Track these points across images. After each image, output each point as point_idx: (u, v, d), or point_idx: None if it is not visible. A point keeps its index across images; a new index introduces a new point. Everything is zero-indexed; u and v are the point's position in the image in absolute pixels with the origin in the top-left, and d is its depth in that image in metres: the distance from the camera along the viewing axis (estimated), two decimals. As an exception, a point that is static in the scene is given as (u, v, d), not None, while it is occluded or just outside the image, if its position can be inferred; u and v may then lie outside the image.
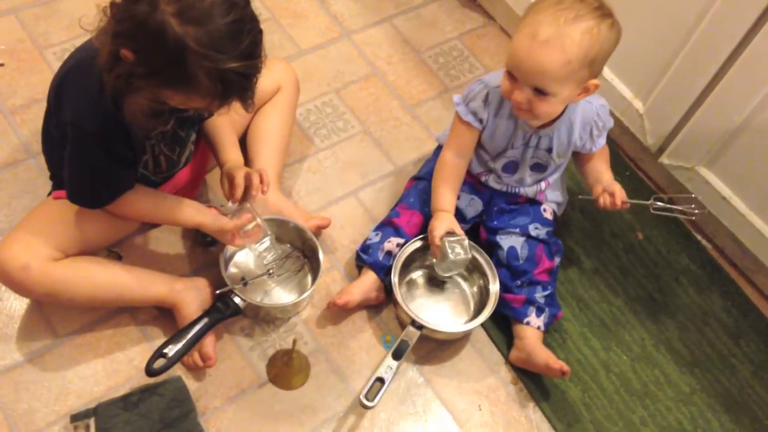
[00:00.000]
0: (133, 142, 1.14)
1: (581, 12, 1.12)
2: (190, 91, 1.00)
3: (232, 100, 1.04)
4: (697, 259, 1.54)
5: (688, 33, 1.39)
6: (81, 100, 1.09)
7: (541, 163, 1.35)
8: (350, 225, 1.46)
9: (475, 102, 1.28)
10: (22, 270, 1.13)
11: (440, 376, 1.32)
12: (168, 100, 1.05)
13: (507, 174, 1.37)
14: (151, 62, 0.98)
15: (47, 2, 1.62)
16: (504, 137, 1.31)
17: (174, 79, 0.99)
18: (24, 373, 1.20)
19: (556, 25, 1.12)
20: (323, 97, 1.63)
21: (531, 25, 1.14)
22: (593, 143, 1.34)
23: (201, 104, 1.04)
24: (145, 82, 1.00)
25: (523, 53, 1.14)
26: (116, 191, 1.16)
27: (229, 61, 0.97)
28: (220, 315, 1.23)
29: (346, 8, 1.79)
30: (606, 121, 1.34)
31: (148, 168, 1.23)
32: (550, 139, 1.31)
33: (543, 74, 1.14)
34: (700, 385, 1.38)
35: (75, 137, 1.10)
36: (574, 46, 1.12)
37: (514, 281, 1.34)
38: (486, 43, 1.81)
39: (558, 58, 1.12)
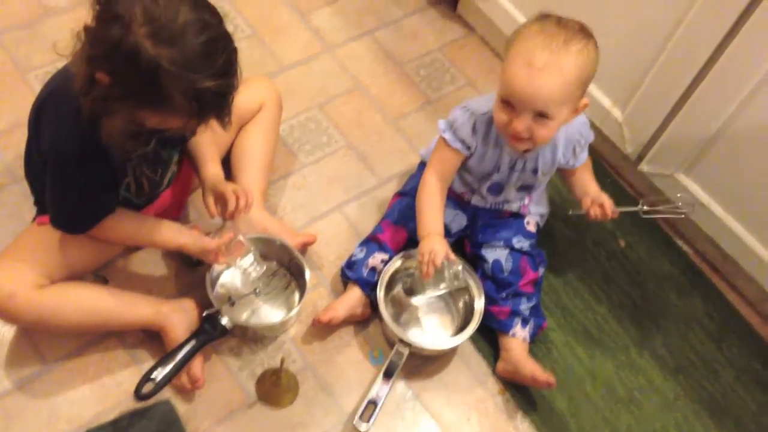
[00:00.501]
0: (113, 165, 1.14)
1: (569, 35, 1.15)
2: (166, 111, 1.01)
3: (209, 118, 1.05)
4: (679, 265, 1.56)
5: (664, 43, 1.41)
6: (59, 125, 1.09)
7: (527, 184, 1.38)
8: (336, 240, 1.47)
9: (463, 130, 1.29)
10: (8, 299, 1.14)
11: (429, 390, 1.34)
12: (145, 121, 1.05)
13: (492, 195, 1.39)
14: (127, 84, 0.99)
15: (28, 26, 1.63)
16: (490, 162, 1.32)
17: (150, 100, 1.00)
18: (13, 401, 1.21)
19: (550, 50, 1.14)
20: (306, 113, 1.65)
21: (524, 54, 1.16)
22: (576, 159, 1.36)
23: (178, 124, 1.05)
24: (121, 104, 1.01)
25: (522, 81, 1.16)
26: (98, 215, 1.17)
27: (205, 80, 0.98)
28: (208, 336, 1.24)
29: (328, 22, 1.80)
30: (587, 136, 1.37)
31: (130, 191, 1.23)
32: (535, 161, 1.33)
33: (545, 99, 1.16)
34: (684, 390, 1.41)
35: (54, 162, 1.11)
36: (571, 67, 1.15)
37: (500, 293, 1.36)
38: (467, 54, 1.83)
39: (558, 81, 1.15)
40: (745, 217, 1.45)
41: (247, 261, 1.31)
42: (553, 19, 1.18)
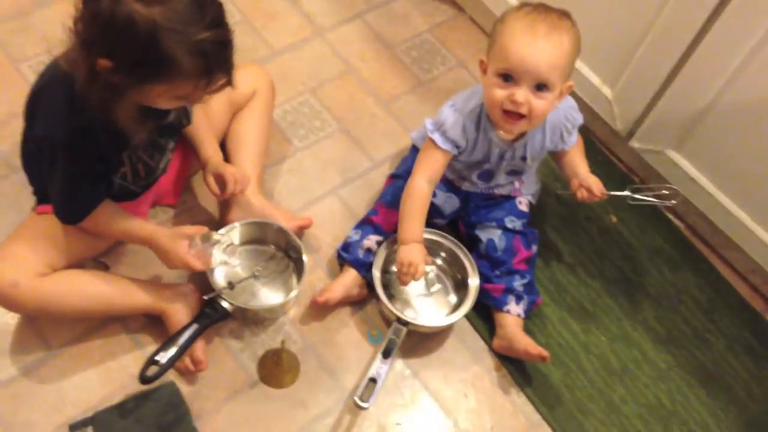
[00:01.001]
0: (107, 155, 1.16)
1: (558, 14, 1.22)
2: (173, 76, 1.01)
3: (217, 74, 1.05)
4: (670, 239, 1.59)
5: (652, 19, 1.42)
6: (52, 115, 1.11)
7: (516, 170, 1.40)
8: (332, 223, 1.49)
9: (453, 131, 1.30)
10: (11, 287, 1.16)
11: (426, 368, 1.37)
12: (155, 98, 1.06)
13: (482, 181, 1.41)
14: (129, 59, 0.99)
15: (20, 16, 1.63)
16: (480, 153, 1.34)
17: (155, 69, 1.00)
18: (21, 386, 1.23)
19: (548, 22, 1.20)
20: (299, 98, 1.66)
21: (524, 26, 1.19)
22: (564, 143, 1.38)
23: (188, 88, 1.04)
24: (128, 82, 1.01)
25: (527, 48, 1.18)
26: (90, 205, 1.19)
27: (201, 31, 0.99)
28: (209, 320, 1.26)
29: (318, 6, 1.81)
30: (575, 120, 1.38)
31: (127, 179, 1.25)
32: (524, 148, 1.35)
33: (548, 65, 1.19)
34: (677, 361, 1.44)
35: (49, 152, 1.13)
36: (567, 41, 1.20)
37: (493, 271, 1.38)
38: (457, 35, 1.84)
39: (559, 49, 1.19)
40: (735, 190, 1.48)
41: (220, 256, 1.33)
42: (539, 7, 1.23)
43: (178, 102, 1.11)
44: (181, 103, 1.13)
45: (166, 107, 1.13)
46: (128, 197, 1.28)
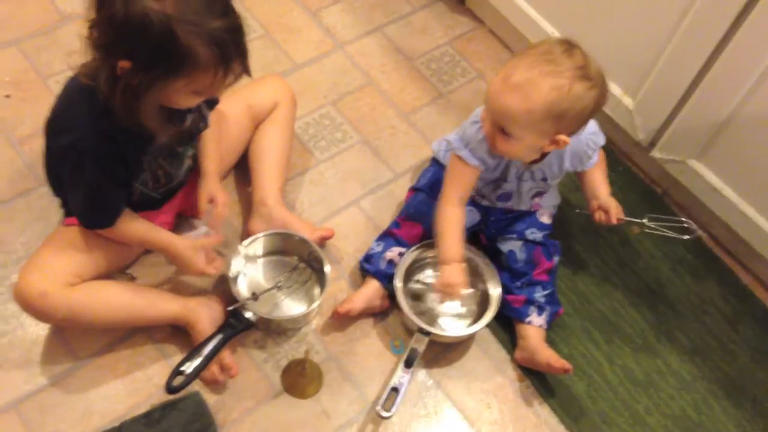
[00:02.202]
0: (129, 160, 1.18)
1: (560, 68, 1.14)
2: (191, 68, 1.02)
3: (233, 62, 1.06)
4: (693, 249, 1.58)
5: (673, 29, 1.42)
6: (77, 124, 1.12)
7: (541, 190, 1.40)
8: (354, 234, 1.50)
9: (481, 148, 1.28)
10: (40, 297, 1.17)
11: (449, 378, 1.37)
12: (174, 95, 1.08)
13: (502, 202, 1.41)
14: (147, 55, 1.01)
15: (47, 32, 1.66)
16: (498, 171, 1.34)
17: (173, 63, 1.01)
18: (48, 397, 1.25)
19: (530, 73, 1.14)
20: (321, 110, 1.67)
21: (510, 68, 1.17)
22: (584, 165, 1.38)
23: (206, 80, 1.05)
24: (147, 82, 1.03)
25: (493, 91, 1.18)
26: (118, 209, 1.21)
27: (213, 20, 1.01)
28: (233, 330, 1.28)
29: (339, 20, 1.83)
30: (596, 143, 1.37)
31: (147, 186, 1.26)
32: (543, 172, 1.35)
33: (505, 116, 1.17)
34: (701, 372, 1.43)
35: (74, 160, 1.14)
36: (539, 97, 1.14)
37: (515, 282, 1.38)
38: (476, 47, 1.85)
39: (521, 105, 1.15)
40: (758, 200, 1.47)
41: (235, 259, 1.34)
42: (563, 47, 1.16)
43: (196, 97, 1.12)
44: (200, 98, 1.13)
45: (185, 105, 1.13)
46: (150, 206, 1.29)
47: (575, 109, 1.16)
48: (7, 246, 1.38)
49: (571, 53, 1.16)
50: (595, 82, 1.16)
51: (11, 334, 1.29)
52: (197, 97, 1.12)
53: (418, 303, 1.41)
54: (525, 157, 1.28)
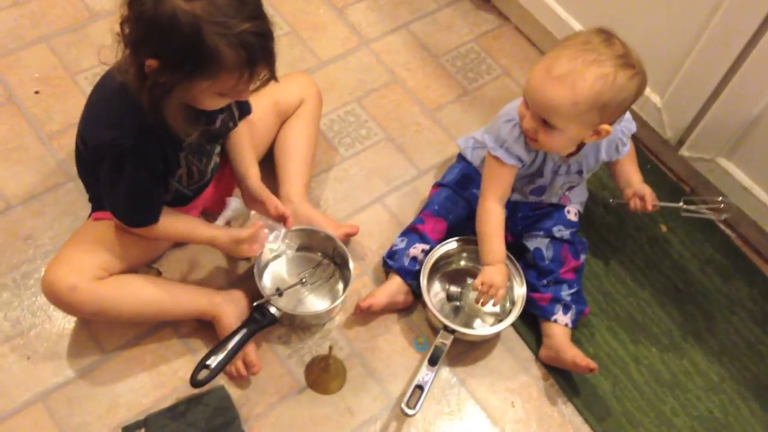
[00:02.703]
0: (168, 157, 1.18)
1: (602, 57, 1.13)
2: (217, 69, 1.02)
3: (259, 66, 1.06)
4: (721, 249, 1.56)
5: (703, 26, 1.40)
6: (116, 122, 1.13)
7: (573, 185, 1.39)
8: (378, 231, 1.50)
9: (517, 146, 1.28)
10: (70, 290, 1.19)
11: (473, 376, 1.36)
12: (199, 95, 1.08)
13: (534, 196, 1.41)
14: (174, 54, 1.01)
15: (76, 29, 1.68)
16: (535, 167, 1.33)
17: (199, 63, 1.02)
18: (76, 389, 1.26)
19: (573, 64, 1.13)
20: (346, 107, 1.68)
21: (550, 59, 1.16)
22: (619, 153, 1.37)
23: (230, 82, 1.05)
24: (174, 80, 1.03)
25: (535, 84, 1.17)
26: (159, 206, 1.21)
27: (242, 23, 1.01)
28: (258, 325, 1.28)
29: (364, 17, 1.83)
30: (630, 130, 1.36)
31: (182, 182, 1.27)
32: (579, 164, 1.34)
33: (550, 108, 1.17)
34: (729, 373, 1.41)
35: (114, 158, 1.14)
36: (585, 88, 1.13)
37: (541, 281, 1.37)
38: (502, 44, 1.84)
39: (566, 96, 1.14)
40: (788, 199, 1.45)
41: (278, 239, 1.33)
42: (602, 37, 1.16)
43: (221, 99, 1.12)
44: (225, 100, 1.13)
45: (210, 106, 1.13)
46: (180, 202, 1.30)
47: (619, 98, 1.16)
48: (36, 240, 1.40)
49: (611, 42, 1.16)
50: (637, 70, 1.16)
51: (39, 327, 1.31)
52: (222, 99, 1.12)
53: (443, 300, 1.40)
54: (565, 149, 1.27)
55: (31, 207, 1.43)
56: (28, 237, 1.40)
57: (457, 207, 1.41)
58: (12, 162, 1.48)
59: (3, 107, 1.55)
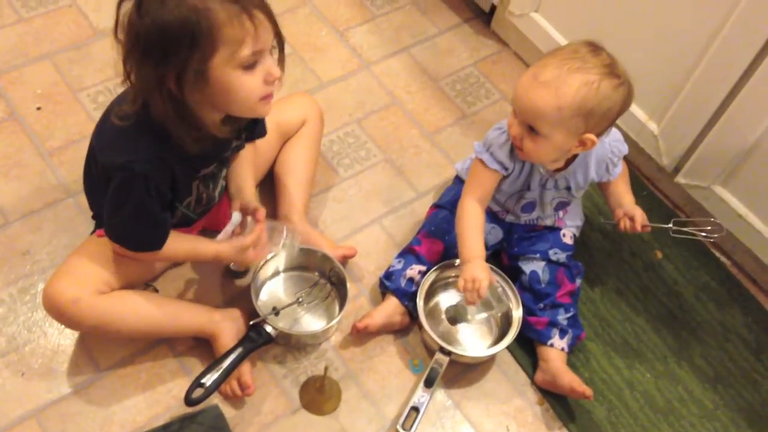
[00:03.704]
0: (180, 185, 1.19)
1: (588, 65, 1.17)
2: (215, 29, 1.00)
3: (255, 10, 1.02)
4: (717, 276, 1.57)
5: (700, 55, 1.42)
6: (131, 145, 1.11)
7: (564, 201, 1.40)
8: (375, 252, 1.51)
9: (501, 152, 1.30)
10: (72, 303, 1.19)
11: (468, 399, 1.36)
12: (224, 78, 1.04)
13: (526, 213, 1.42)
14: (177, 45, 1.00)
15: (80, 46, 1.70)
16: (521, 181, 1.35)
17: (197, 32, 0.99)
18: (70, 406, 1.26)
19: (559, 71, 1.17)
20: (345, 128, 1.69)
21: (538, 67, 1.20)
22: (610, 174, 1.38)
23: (236, 36, 1.01)
24: (193, 72, 1.02)
25: (521, 90, 1.20)
26: (166, 231, 1.20)
27: None
28: (254, 344, 1.28)
29: (365, 41, 1.85)
30: (621, 151, 1.38)
31: (190, 207, 1.28)
32: (567, 180, 1.35)
33: (534, 113, 1.19)
34: (723, 401, 1.41)
35: (123, 179, 1.12)
36: (570, 93, 1.16)
37: (537, 304, 1.38)
38: (501, 69, 1.86)
39: (550, 101, 1.17)
40: (783, 228, 1.46)
41: (283, 244, 1.32)
42: (589, 48, 1.20)
43: (250, 75, 1.06)
44: (254, 77, 1.06)
45: (244, 88, 1.07)
46: (185, 225, 1.31)
47: (604, 106, 1.18)
48: (33, 256, 1.40)
49: (598, 53, 1.19)
50: (622, 80, 1.19)
51: (34, 343, 1.31)
52: (251, 75, 1.06)
53: (439, 323, 1.41)
54: (552, 159, 1.29)
55: (29, 222, 1.43)
56: (26, 252, 1.40)
57: (453, 228, 1.41)
58: (11, 177, 1.48)
59: (5, 123, 1.56)
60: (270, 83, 1.09)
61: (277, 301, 1.39)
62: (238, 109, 1.13)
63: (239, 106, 1.11)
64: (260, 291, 1.39)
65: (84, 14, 1.75)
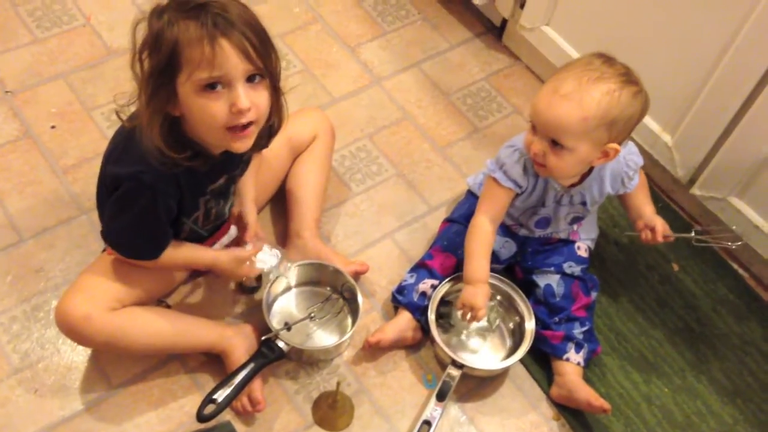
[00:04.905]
0: (186, 201, 1.19)
1: (606, 75, 1.17)
2: (184, 53, 1.02)
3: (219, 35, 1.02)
4: (735, 289, 1.54)
5: (714, 65, 1.41)
6: (143, 158, 1.11)
7: (578, 216, 1.39)
8: (387, 267, 1.50)
9: (514, 171, 1.30)
10: (83, 320, 1.19)
11: (482, 414, 1.34)
12: (188, 99, 1.05)
13: (540, 229, 1.41)
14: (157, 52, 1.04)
15: (94, 66, 1.72)
16: (536, 197, 1.34)
17: (158, 46, 1.03)
18: (82, 423, 1.25)
19: (579, 82, 1.17)
20: (357, 143, 1.69)
21: (556, 81, 1.19)
22: (626, 187, 1.37)
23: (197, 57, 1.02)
24: (165, 86, 1.05)
25: (543, 105, 1.19)
26: (166, 242, 1.22)
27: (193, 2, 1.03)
28: (266, 359, 1.27)
29: (376, 56, 1.85)
30: (636, 164, 1.37)
31: (198, 223, 1.28)
32: (582, 195, 1.34)
33: (559, 126, 1.18)
34: (743, 415, 1.38)
35: (129, 188, 1.13)
36: (593, 104, 1.16)
37: (552, 318, 1.36)
38: (512, 83, 1.85)
39: (575, 113, 1.16)
40: (802, 239, 1.44)
41: (278, 264, 1.33)
42: (603, 58, 1.20)
43: (211, 96, 1.04)
44: (217, 98, 1.05)
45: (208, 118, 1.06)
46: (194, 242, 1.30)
47: (626, 114, 1.18)
48: (47, 273, 1.40)
49: (612, 63, 1.20)
50: (640, 88, 1.20)
51: (47, 360, 1.31)
52: (212, 96, 1.05)
53: (451, 336, 1.39)
54: (575, 173, 1.28)
55: (43, 240, 1.44)
56: (40, 269, 1.41)
57: (465, 242, 1.41)
58: (26, 195, 1.50)
59: (20, 141, 1.57)
60: (236, 114, 1.06)
61: (289, 316, 1.39)
62: (207, 134, 1.11)
63: (206, 130, 1.10)
64: (272, 306, 1.39)
65: (98, 34, 1.77)
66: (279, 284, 1.39)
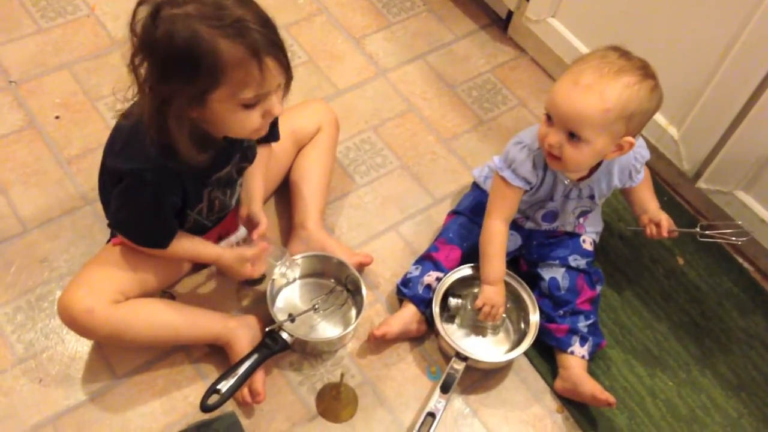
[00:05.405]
0: (189, 194, 1.19)
1: (625, 68, 1.16)
2: (222, 67, 0.99)
3: (266, 57, 1.01)
4: (740, 282, 1.54)
5: (720, 58, 1.40)
6: (144, 153, 1.11)
7: (586, 209, 1.39)
8: (392, 259, 1.50)
9: (524, 167, 1.29)
10: (86, 313, 1.19)
11: (486, 406, 1.34)
12: (223, 112, 1.05)
13: (547, 222, 1.40)
14: (178, 64, 1.00)
15: (98, 56, 1.71)
16: (544, 191, 1.33)
17: (202, 65, 0.99)
18: (86, 413, 1.26)
19: (600, 74, 1.16)
20: (361, 135, 1.68)
21: (574, 73, 1.18)
22: (633, 181, 1.37)
23: (241, 78, 1.01)
24: (188, 96, 1.02)
25: (562, 96, 1.18)
26: (171, 232, 1.22)
27: (235, 12, 1.00)
28: (269, 350, 1.27)
29: (381, 48, 1.84)
30: (643, 157, 1.36)
31: (202, 214, 1.28)
32: (590, 189, 1.34)
33: (579, 118, 1.17)
34: (748, 409, 1.38)
35: (132, 183, 1.14)
36: (614, 95, 1.15)
37: (557, 311, 1.36)
38: (518, 75, 1.85)
39: (596, 104, 1.15)
40: (808, 233, 1.43)
41: (282, 266, 1.35)
42: (619, 52, 1.19)
43: (249, 113, 1.06)
44: (253, 115, 1.07)
45: (239, 128, 1.10)
46: (199, 231, 1.30)
47: (644, 108, 1.18)
48: (51, 263, 1.40)
49: (629, 56, 1.19)
50: (656, 82, 1.19)
51: (52, 350, 1.31)
52: (250, 113, 1.07)
53: (455, 328, 1.39)
54: (589, 165, 1.28)
55: (47, 230, 1.44)
56: (44, 260, 1.41)
57: (471, 234, 1.40)
58: (30, 185, 1.50)
59: (24, 131, 1.57)
60: (267, 118, 1.10)
61: (293, 308, 1.38)
62: (230, 134, 1.14)
63: (233, 133, 1.13)
64: (276, 298, 1.39)
65: (102, 24, 1.77)
66: (283, 276, 1.39)
